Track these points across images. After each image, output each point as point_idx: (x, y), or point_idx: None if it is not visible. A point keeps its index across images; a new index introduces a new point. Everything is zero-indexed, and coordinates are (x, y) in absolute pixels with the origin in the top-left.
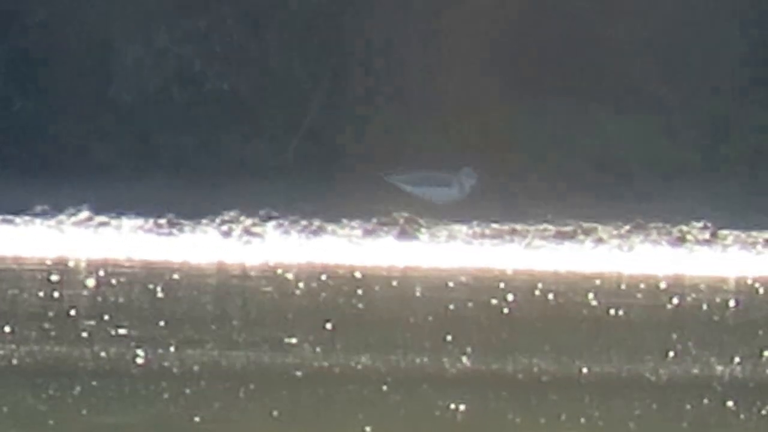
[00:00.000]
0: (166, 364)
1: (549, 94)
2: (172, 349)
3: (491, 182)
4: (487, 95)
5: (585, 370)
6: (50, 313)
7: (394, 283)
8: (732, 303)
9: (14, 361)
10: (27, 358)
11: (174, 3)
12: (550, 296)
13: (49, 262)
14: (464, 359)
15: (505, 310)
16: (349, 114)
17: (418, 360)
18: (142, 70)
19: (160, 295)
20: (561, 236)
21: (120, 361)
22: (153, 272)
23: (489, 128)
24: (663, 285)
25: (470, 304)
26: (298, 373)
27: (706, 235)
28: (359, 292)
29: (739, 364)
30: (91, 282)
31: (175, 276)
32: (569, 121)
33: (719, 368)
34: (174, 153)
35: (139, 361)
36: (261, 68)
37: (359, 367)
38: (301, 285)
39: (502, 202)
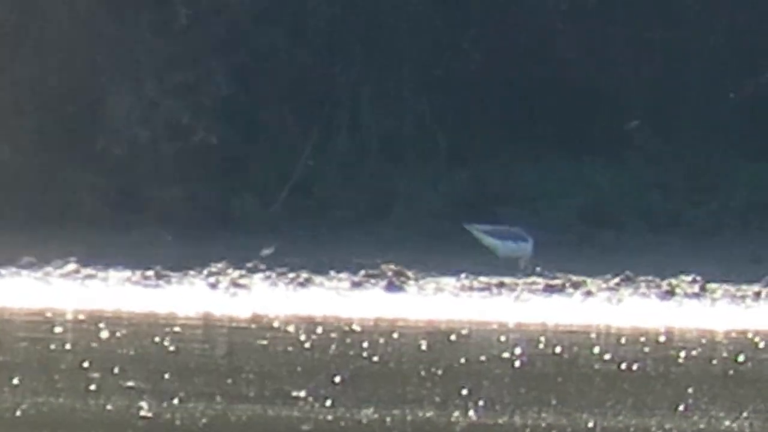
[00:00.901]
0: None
1: (539, 145)
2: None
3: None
4: (477, 147)
5: (591, 423)
6: (37, 365)
7: (383, 335)
8: (722, 355)
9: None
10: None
11: (163, 56)
12: (540, 349)
13: (35, 314)
14: (468, 412)
15: (495, 364)
16: (338, 167)
17: (420, 413)
18: (131, 123)
19: (149, 347)
20: (550, 289)
21: (116, 413)
22: (141, 324)
23: (478, 180)
24: (652, 338)
25: (459, 357)
26: (305, 427)
27: (695, 288)
28: (347, 343)
29: (746, 418)
30: (78, 333)
31: (164, 327)
32: (559, 173)
33: (726, 423)
34: (162, 205)
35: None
36: (250, 121)
37: (364, 420)
38: (289, 337)
39: (491, 254)
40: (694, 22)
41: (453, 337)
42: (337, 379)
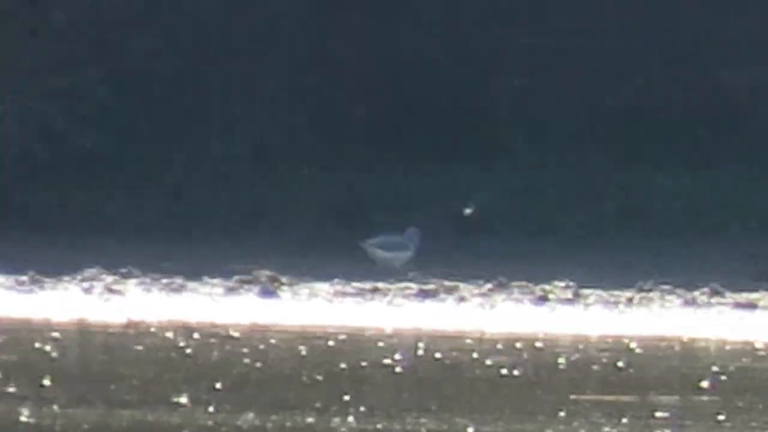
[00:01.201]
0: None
1: (412, 152)
2: (37, 407)
3: (355, 239)
4: (350, 154)
5: (471, 429)
6: None
7: (260, 341)
8: (601, 361)
9: None
10: None
11: (37, 59)
12: (419, 355)
13: None
14: (348, 418)
15: (375, 369)
16: (211, 173)
17: (300, 419)
18: (4, 127)
19: (27, 352)
20: (423, 294)
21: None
22: (16, 330)
23: (354, 187)
24: (528, 343)
25: (338, 363)
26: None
27: (569, 294)
28: (225, 349)
29: (626, 424)
30: None
31: (40, 333)
32: (432, 180)
33: (607, 429)
34: (35, 210)
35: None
36: (124, 126)
37: (245, 426)
38: (166, 342)
39: (364, 260)
40: (566, 29)
41: (330, 343)
42: (218, 385)
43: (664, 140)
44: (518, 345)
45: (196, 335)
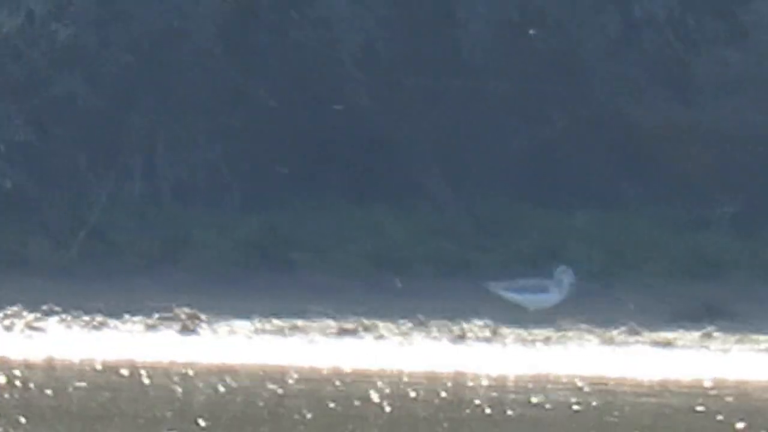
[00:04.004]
0: None
1: (330, 192)
2: None
3: (273, 279)
4: (269, 193)
5: None
6: None
7: (176, 379)
8: (511, 400)
9: None
10: None
11: None
12: (333, 392)
13: None
14: None
15: (288, 407)
16: (132, 212)
17: None
18: None
19: None
20: (343, 332)
21: None
22: None
23: (274, 225)
24: (446, 381)
25: (256, 401)
26: None
27: (487, 333)
28: (145, 385)
29: None
30: None
31: None
32: (350, 219)
33: None
34: None
35: None
36: (45, 166)
37: None
38: (84, 379)
39: (286, 298)
40: (483, 70)
41: (249, 381)
42: (140, 421)
43: (580, 180)
44: (436, 383)
45: (116, 372)
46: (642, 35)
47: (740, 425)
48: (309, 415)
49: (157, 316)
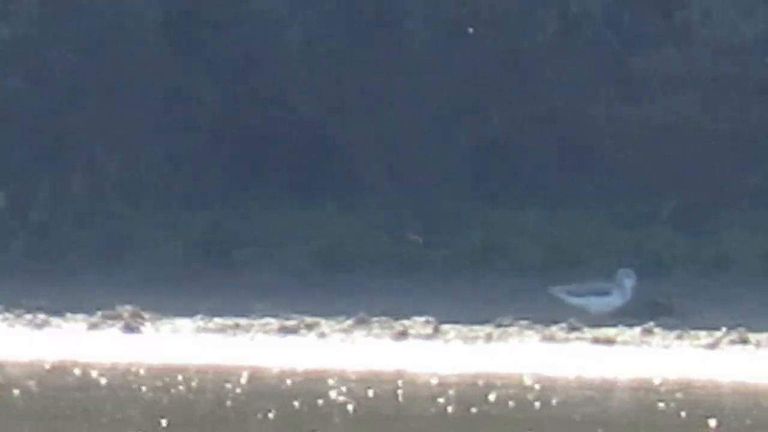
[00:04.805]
0: None
1: (274, 190)
2: None
3: (216, 277)
4: (213, 191)
5: None
6: None
7: (119, 376)
8: (454, 397)
9: None
10: None
11: None
12: (275, 390)
13: None
14: None
15: (229, 405)
16: (75, 210)
17: None
18: None
19: None
20: (284, 330)
21: None
22: None
23: (217, 224)
24: (389, 379)
25: (194, 398)
26: None
27: (429, 330)
28: (84, 384)
29: None
30: None
31: None
32: (293, 217)
33: None
34: None
35: None
36: None
37: None
38: (28, 376)
39: (228, 297)
40: (426, 67)
41: (191, 378)
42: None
43: (525, 178)
44: (378, 380)
45: (58, 371)
46: (580, 32)
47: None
48: (249, 413)
49: (100, 314)
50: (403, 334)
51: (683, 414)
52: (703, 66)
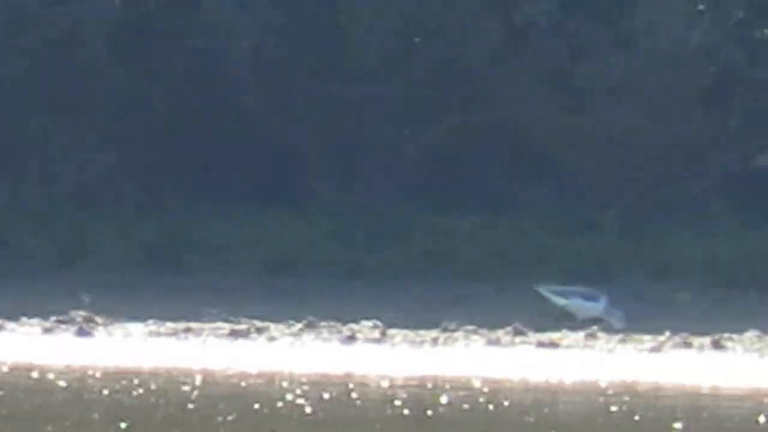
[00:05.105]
0: None
1: (225, 196)
2: None
3: (168, 281)
4: (165, 197)
5: None
6: None
7: (75, 380)
8: (408, 400)
9: None
10: None
11: None
12: (231, 393)
13: None
14: None
15: (179, 407)
16: (29, 216)
17: None
18: None
19: None
20: (235, 334)
21: None
22: None
23: (169, 230)
24: (336, 382)
25: (147, 401)
26: None
27: (376, 334)
28: (39, 387)
29: None
30: None
31: None
32: (244, 223)
33: None
34: None
35: None
36: None
37: None
38: None
39: (180, 301)
40: (374, 76)
41: (142, 382)
42: (34, 422)
43: (470, 185)
44: (330, 383)
45: (15, 374)
46: (526, 42)
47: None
48: (196, 414)
49: (53, 318)
50: (351, 338)
51: (637, 417)
52: (647, 75)
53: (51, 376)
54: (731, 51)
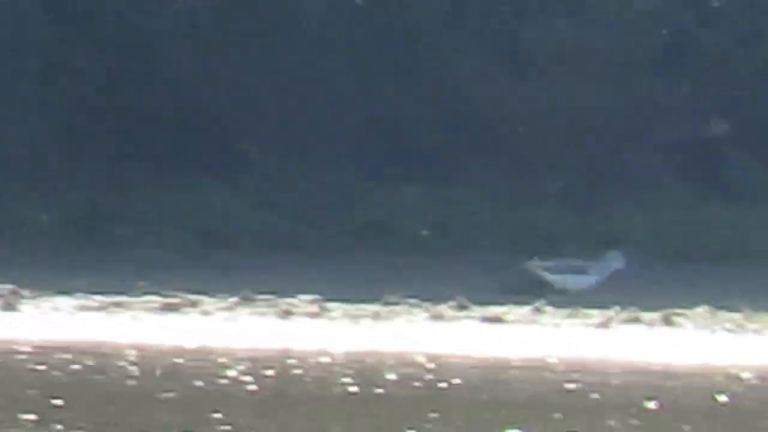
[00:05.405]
0: None
1: (155, 166)
2: None
3: (97, 255)
4: (92, 168)
5: None
6: None
7: (2, 355)
8: (354, 376)
9: None
10: None
11: None
12: (163, 369)
13: None
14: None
15: (109, 383)
16: None
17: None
18: None
19: None
20: (167, 308)
21: None
22: None
23: (98, 202)
24: (273, 358)
25: (75, 377)
26: None
27: (314, 308)
28: None
29: None
30: None
31: None
32: (175, 194)
33: None
34: None
35: None
36: None
37: None
38: None
39: (109, 275)
40: (313, 42)
41: (71, 356)
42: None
43: (411, 154)
44: (264, 360)
45: None
46: (472, 7)
47: (595, 396)
48: (129, 389)
49: None
50: (288, 313)
51: (595, 395)
52: (595, 39)
53: None
54: (681, 15)
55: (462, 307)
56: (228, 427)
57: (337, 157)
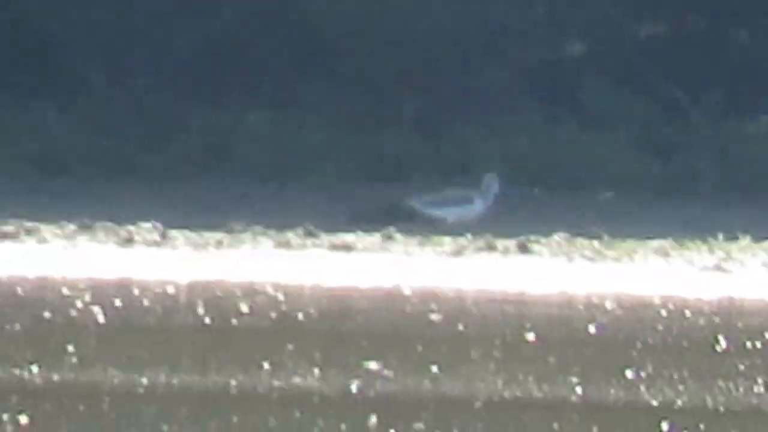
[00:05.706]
0: None
1: None
2: None
3: None
4: None
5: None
6: None
7: None
8: (200, 307)
9: None
10: None
11: None
12: (3, 300)
13: None
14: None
15: None
16: None
17: None
18: None
19: None
20: (2, 236)
21: None
22: None
23: None
24: (114, 287)
25: None
26: None
27: (155, 236)
28: None
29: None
30: None
31: None
32: (8, 118)
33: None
34: None
35: None
36: None
37: None
38: None
39: None
40: None
41: None
42: None
43: (252, 77)
44: (107, 289)
45: None
46: None
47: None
48: (18, 326)
49: None
50: (128, 241)
51: (461, 327)
52: None
53: None
54: None
55: (309, 235)
56: (80, 360)
57: (175, 80)
